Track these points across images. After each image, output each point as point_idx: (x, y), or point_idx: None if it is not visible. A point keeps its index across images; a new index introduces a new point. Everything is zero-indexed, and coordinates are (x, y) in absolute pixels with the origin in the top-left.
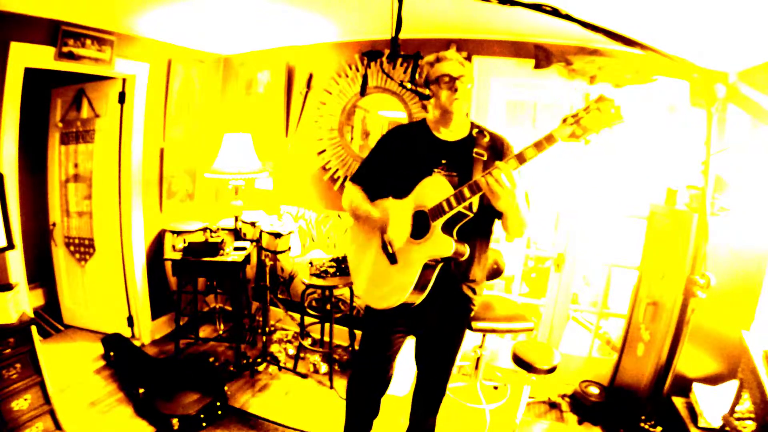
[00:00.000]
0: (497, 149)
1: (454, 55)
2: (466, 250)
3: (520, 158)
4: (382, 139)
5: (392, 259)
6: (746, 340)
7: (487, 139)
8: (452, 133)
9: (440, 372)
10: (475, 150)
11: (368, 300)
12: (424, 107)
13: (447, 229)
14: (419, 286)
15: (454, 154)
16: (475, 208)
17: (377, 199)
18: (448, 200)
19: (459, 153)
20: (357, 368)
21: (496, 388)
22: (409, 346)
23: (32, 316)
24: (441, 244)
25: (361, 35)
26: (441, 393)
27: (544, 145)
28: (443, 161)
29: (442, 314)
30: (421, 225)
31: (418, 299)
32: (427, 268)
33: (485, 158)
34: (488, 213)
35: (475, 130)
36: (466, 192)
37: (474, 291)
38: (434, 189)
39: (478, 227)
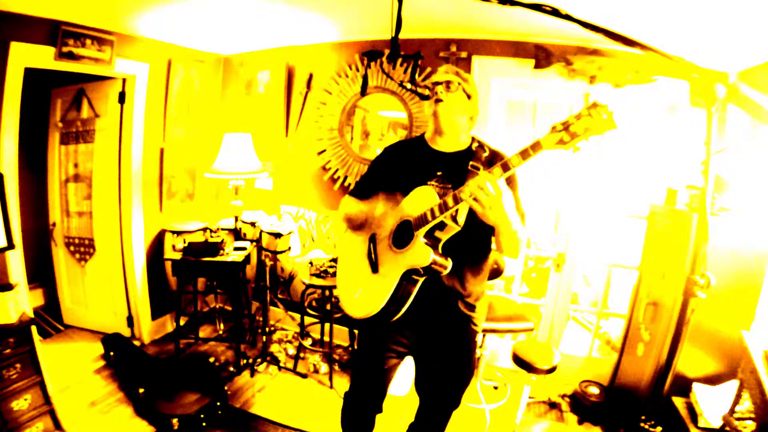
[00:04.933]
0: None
1: (448, 68)
2: (447, 263)
3: (505, 167)
4: (380, 155)
5: (374, 267)
6: (746, 340)
7: (486, 153)
8: (449, 144)
9: (443, 403)
10: (471, 163)
11: (346, 307)
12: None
13: (433, 243)
14: (398, 298)
15: (450, 166)
16: (461, 221)
17: None
18: (431, 209)
19: (455, 165)
20: (352, 388)
21: (496, 388)
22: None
23: (32, 316)
24: (419, 254)
25: (361, 35)
26: (441, 427)
27: (530, 153)
28: (438, 173)
29: (440, 335)
30: (406, 235)
31: (399, 311)
32: (409, 281)
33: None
34: (482, 227)
35: (474, 144)
36: (450, 201)
37: (473, 308)
38: (421, 199)
39: (470, 242)
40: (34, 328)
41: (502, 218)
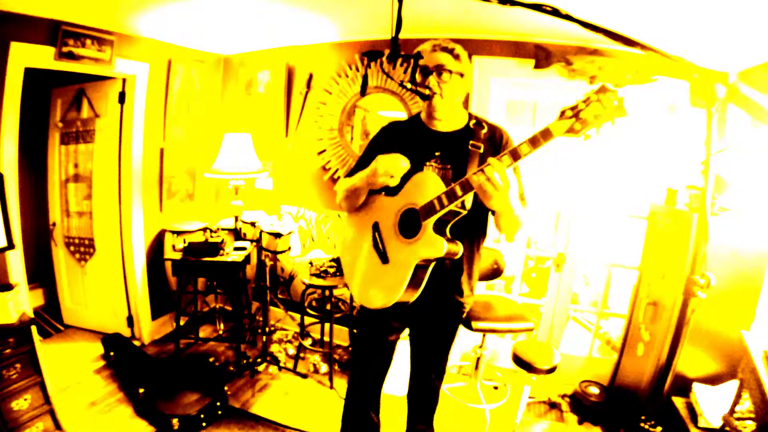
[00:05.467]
0: (495, 141)
1: (429, 45)
2: (459, 249)
3: (514, 155)
4: (376, 136)
5: (383, 257)
6: (746, 340)
7: (485, 130)
8: (447, 124)
9: (433, 369)
10: (471, 142)
11: (362, 300)
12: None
13: (440, 226)
14: (412, 286)
15: (448, 146)
16: (468, 206)
17: (371, 196)
18: (439, 198)
19: (454, 144)
20: (355, 372)
21: (496, 388)
22: (405, 345)
23: (32, 316)
24: (432, 245)
25: (361, 35)
26: (434, 394)
27: (540, 141)
28: (437, 153)
29: (434, 311)
30: (412, 223)
31: (413, 297)
32: (420, 268)
33: (481, 151)
34: (482, 210)
35: (472, 122)
36: (458, 190)
37: (462, 293)
38: (425, 186)
39: (472, 225)
40: (34, 328)
41: (506, 206)
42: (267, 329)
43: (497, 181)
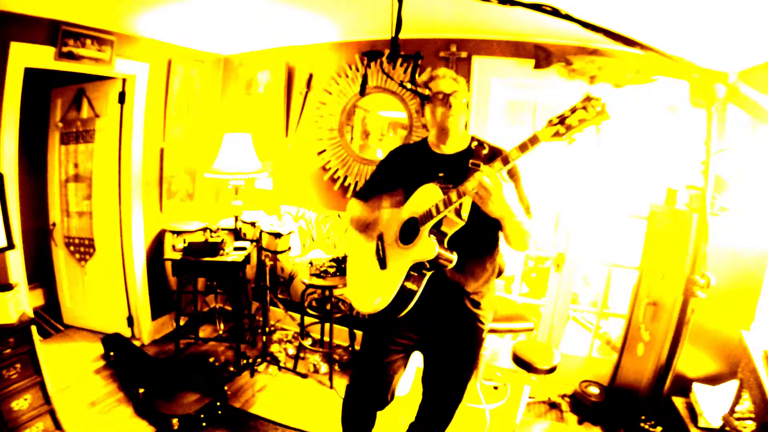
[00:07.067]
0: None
1: (447, 72)
2: (453, 257)
3: (504, 160)
4: (385, 158)
5: (383, 264)
6: (746, 340)
7: (486, 150)
8: (451, 147)
9: (446, 399)
10: (471, 161)
11: (355, 303)
12: (422, 109)
13: (438, 238)
14: (406, 292)
15: (451, 166)
16: (465, 215)
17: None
18: (436, 205)
19: (456, 165)
20: (354, 379)
21: (496, 388)
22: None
23: (32, 316)
24: (425, 248)
25: (361, 35)
26: (446, 419)
27: (528, 146)
28: (440, 174)
29: (447, 331)
30: (412, 231)
31: (407, 306)
32: (416, 275)
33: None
34: (486, 224)
35: (474, 143)
36: (453, 196)
37: (478, 305)
38: (425, 196)
39: (476, 238)
40: (34, 328)
41: (504, 210)
42: (267, 329)
43: (488, 183)
